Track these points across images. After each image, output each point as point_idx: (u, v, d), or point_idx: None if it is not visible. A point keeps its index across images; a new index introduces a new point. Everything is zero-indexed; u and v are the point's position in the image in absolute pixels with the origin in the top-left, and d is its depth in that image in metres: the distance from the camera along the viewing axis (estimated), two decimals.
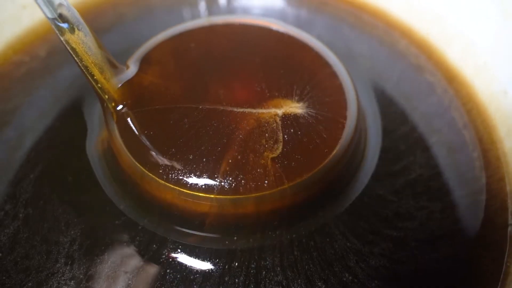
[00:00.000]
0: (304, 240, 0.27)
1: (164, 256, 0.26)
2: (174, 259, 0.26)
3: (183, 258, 0.26)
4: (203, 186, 0.24)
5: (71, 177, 0.29)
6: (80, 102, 0.33)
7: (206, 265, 0.26)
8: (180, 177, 0.25)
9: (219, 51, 0.30)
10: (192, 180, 0.25)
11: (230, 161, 0.25)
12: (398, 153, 0.31)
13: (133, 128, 0.26)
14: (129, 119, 0.26)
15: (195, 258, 0.26)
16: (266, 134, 0.26)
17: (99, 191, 0.28)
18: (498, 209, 0.28)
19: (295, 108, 0.27)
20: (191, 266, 0.26)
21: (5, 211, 0.27)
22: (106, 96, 0.26)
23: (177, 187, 0.25)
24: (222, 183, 0.24)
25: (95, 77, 0.25)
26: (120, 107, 0.26)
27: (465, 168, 0.30)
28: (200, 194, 0.25)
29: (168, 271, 0.25)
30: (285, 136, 0.26)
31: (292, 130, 0.26)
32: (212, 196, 0.25)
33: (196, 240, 0.27)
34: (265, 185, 0.24)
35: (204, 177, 0.25)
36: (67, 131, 0.31)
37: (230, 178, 0.24)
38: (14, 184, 0.28)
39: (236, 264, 0.26)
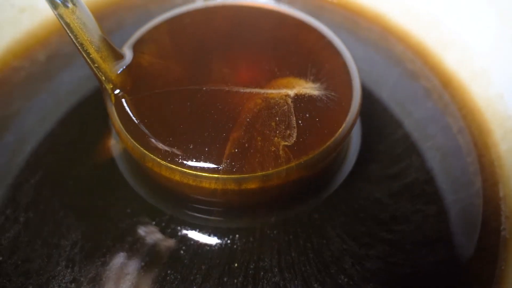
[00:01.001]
0: (301, 242, 0.27)
1: (164, 258, 0.26)
2: (174, 260, 0.26)
3: (183, 259, 0.26)
4: (207, 168, 0.23)
5: (72, 180, 0.29)
6: (80, 106, 0.33)
7: (206, 266, 0.26)
8: (183, 158, 0.23)
9: (221, 31, 0.28)
10: (195, 162, 0.23)
11: (235, 148, 0.23)
12: (394, 157, 0.31)
13: (132, 111, 0.25)
14: (126, 103, 0.25)
15: (196, 260, 0.26)
16: (277, 118, 0.24)
17: (100, 195, 0.29)
18: (492, 213, 0.28)
19: (310, 89, 0.25)
20: (191, 267, 0.26)
21: (5, 215, 0.28)
22: (103, 78, 0.25)
23: (179, 168, 0.23)
24: (227, 165, 0.23)
25: (91, 56, 0.24)
26: (118, 91, 0.25)
27: (460, 173, 0.30)
28: (204, 174, 0.23)
29: (168, 272, 0.26)
30: (300, 122, 0.23)
31: (307, 115, 0.24)
32: (217, 175, 0.23)
33: (197, 241, 0.27)
34: (273, 165, 0.23)
35: (208, 160, 0.23)
36: (68, 135, 0.31)
37: (236, 161, 0.23)
38: (15, 188, 0.29)
39: (236, 264, 0.26)
